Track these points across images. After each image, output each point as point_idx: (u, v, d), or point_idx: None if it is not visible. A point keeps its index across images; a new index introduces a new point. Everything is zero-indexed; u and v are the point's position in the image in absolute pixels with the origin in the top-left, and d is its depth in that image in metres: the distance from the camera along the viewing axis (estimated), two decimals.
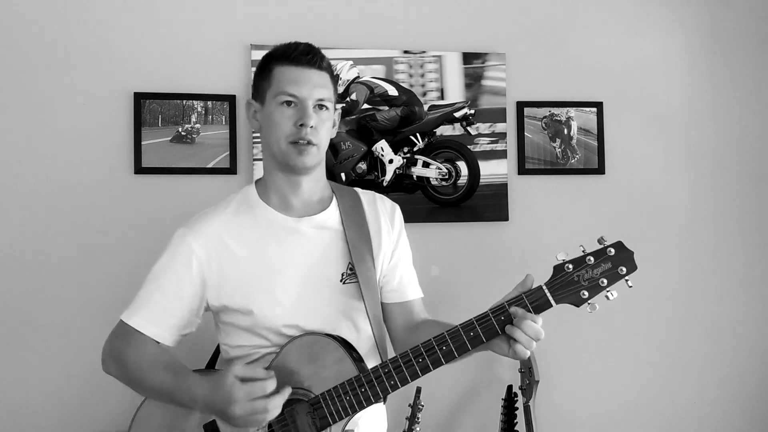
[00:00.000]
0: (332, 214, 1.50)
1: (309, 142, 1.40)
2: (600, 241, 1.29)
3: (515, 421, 2.23)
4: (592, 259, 1.29)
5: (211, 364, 1.66)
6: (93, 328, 2.14)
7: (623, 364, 2.48)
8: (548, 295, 1.28)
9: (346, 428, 1.37)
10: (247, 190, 1.53)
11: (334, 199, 1.53)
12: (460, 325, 1.31)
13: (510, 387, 2.25)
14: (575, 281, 1.28)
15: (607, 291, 1.28)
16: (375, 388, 1.33)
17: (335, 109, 1.50)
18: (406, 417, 2.15)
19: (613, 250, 1.29)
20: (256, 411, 1.26)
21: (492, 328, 1.29)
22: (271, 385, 1.28)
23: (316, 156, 1.43)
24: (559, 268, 1.30)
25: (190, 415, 1.39)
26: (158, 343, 1.42)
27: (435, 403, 2.31)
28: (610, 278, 1.28)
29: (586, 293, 1.28)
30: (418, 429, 2.14)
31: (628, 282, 1.29)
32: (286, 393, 1.31)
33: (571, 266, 1.29)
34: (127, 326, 1.42)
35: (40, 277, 2.16)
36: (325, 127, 1.44)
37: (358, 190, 1.59)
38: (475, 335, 1.29)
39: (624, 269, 1.28)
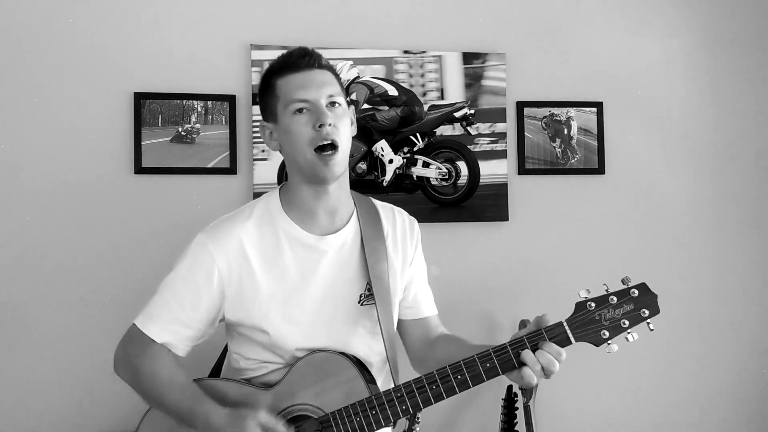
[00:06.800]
0: (352, 230, 1.48)
1: (333, 144, 1.36)
2: (624, 281, 1.28)
3: (515, 421, 2.23)
4: (614, 299, 1.27)
5: (216, 371, 1.65)
6: (93, 328, 2.16)
7: (623, 363, 2.48)
8: (568, 331, 1.26)
9: None
10: (269, 198, 1.48)
11: (355, 212, 1.50)
12: (476, 354, 1.29)
13: (510, 387, 2.25)
14: (596, 320, 1.27)
15: (628, 333, 1.27)
16: (386, 411, 1.32)
17: (348, 104, 1.47)
18: (406, 417, 2.15)
19: (636, 292, 1.27)
20: None
21: (509, 361, 1.27)
22: None
23: (342, 162, 1.39)
24: (581, 306, 1.28)
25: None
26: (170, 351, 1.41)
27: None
28: (632, 320, 1.27)
29: (607, 333, 1.26)
30: (418, 429, 2.14)
31: (650, 325, 1.28)
32: None
33: (593, 305, 1.27)
34: (141, 333, 1.39)
35: (40, 277, 2.16)
36: (343, 125, 1.40)
37: (377, 202, 1.57)
38: (491, 366, 1.28)
39: (646, 312, 1.27)
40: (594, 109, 2.48)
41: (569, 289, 1.40)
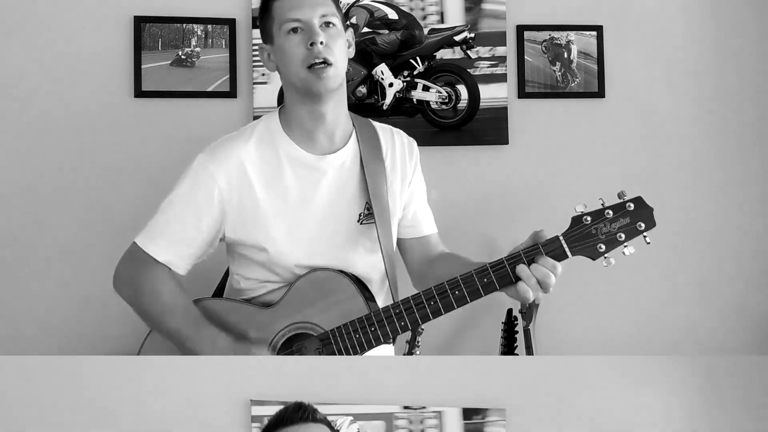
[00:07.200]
0: (352, 151, 1.50)
1: (325, 61, 1.38)
2: (620, 195, 1.29)
3: (515, 345, 2.24)
4: (611, 212, 1.29)
5: (219, 292, 1.66)
6: (93, 251, 2.17)
7: (623, 286, 2.47)
8: (564, 246, 1.28)
9: None
10: (269, 119, 1.50)
11: (354, 133, 1.52)
12: (474, 270, 1.31)
13: (510, 311, 2.25)
14: (593, 234, 1.28)
15: (624, 246, 1.28)
16: (385, 327, 1.35)
17: (346, 27, 1.48)
18: (405, 340, 2.16)
19: (632, 205, 1.29)
20: None
21: (506, 275, 1.30)
22: None
23: (335, 77, 1.40)
24: (576, 220, 1.30)
25: None
26: (170, 269, 1.42)
27: (434, 326, 2.29)
28: (628, 233, 1.28)
29: (603, 247, 1.28)
30: (417, 352, 2.15)
31: (647, 238, 1.29)
32: None
33: (589, 219, 1.29)
34: (142, 252, 1.41)
35: (39, 201, 2.17)
36: (337, 45, 1.41)
37: (376, 124, 1.58)
38: (488, 281, 1.30)
39: (642, 225, 1.28)
40: (594, 33, 2.46)
41: (569, 213, 1.39)
